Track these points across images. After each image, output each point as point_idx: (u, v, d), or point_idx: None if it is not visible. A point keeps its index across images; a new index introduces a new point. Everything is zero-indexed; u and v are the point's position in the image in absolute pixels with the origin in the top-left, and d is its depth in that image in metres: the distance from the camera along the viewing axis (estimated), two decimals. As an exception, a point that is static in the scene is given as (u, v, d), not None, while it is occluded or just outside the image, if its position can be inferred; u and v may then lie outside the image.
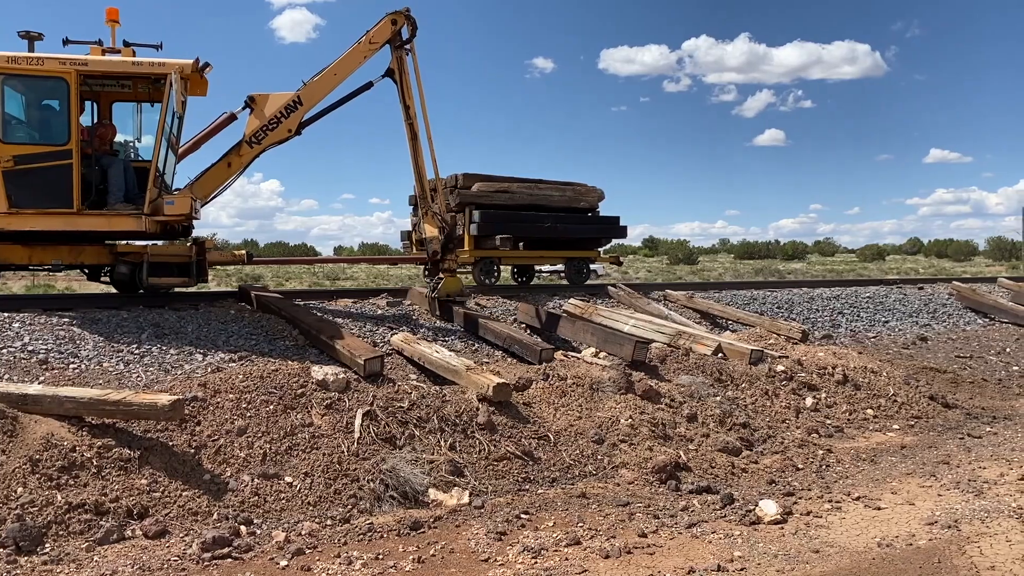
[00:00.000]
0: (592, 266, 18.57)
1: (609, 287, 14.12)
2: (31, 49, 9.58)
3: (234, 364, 8.19)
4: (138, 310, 9.56)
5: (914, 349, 13.09)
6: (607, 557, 5.23)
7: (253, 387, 7.07)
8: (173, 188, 10.44)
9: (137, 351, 8.33)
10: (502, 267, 15.94)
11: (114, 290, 11.24)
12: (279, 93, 10.56)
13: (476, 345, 10.33)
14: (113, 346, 8.35)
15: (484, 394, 7.54)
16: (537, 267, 17.93)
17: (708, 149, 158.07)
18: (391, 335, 9.87)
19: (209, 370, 7.97)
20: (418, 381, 8.18)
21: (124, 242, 10.28)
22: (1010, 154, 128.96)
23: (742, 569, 5.06)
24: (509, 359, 9.89)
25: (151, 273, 9.89)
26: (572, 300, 12.60)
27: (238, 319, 9.76)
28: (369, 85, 11.13)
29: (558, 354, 9.61)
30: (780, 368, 9.68)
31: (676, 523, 5.90)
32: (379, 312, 11.14)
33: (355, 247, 67.84)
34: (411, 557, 5.21)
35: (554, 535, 5.60)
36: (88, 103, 10.63)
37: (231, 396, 6.92)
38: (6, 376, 7.32)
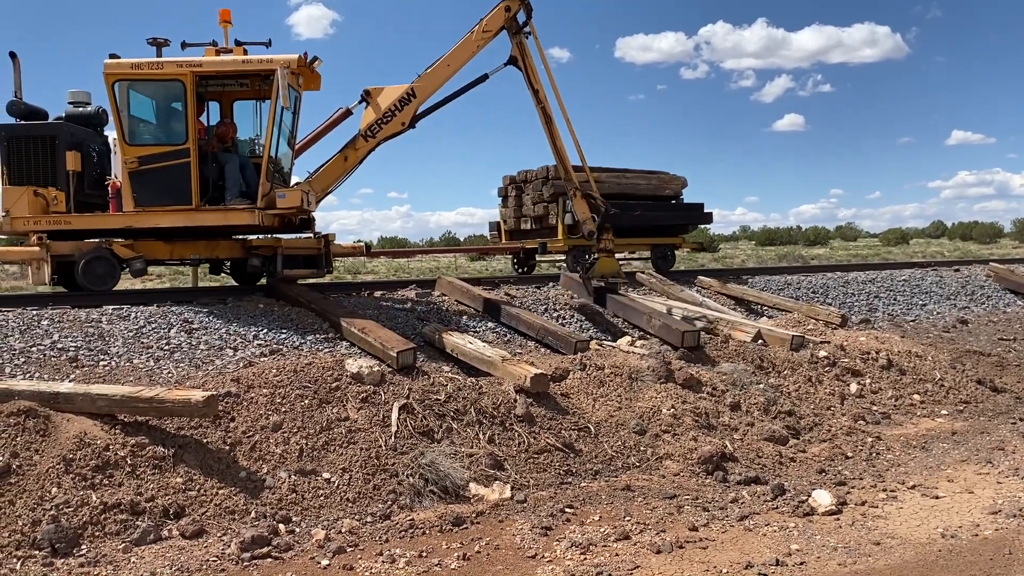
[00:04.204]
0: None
1: (639, 275, 13.86)
2: (159, 54, 9.96)
3: (266, 358, 8.04)
4: (166, 306, 9.45)
5: (955, 332, 12.74)
6: (659, 552, 5.03)
7: (287, 381, 6.93)
8: (293, 182, 10.81)
9: (167, 347, 8.20)
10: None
11: (234, 282, 12.04)
12: (393, 86, 10.74)
13: (508, 335, 10.14)
14: (142, 342, 8.23)
15: (521, 385, 7.36)
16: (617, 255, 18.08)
17: (726, 136, 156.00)
18: (422, 326, 9.70)
19: (241, 365, 7.83)
20: (452, 373, 7.99)
21: (256, 236, 10.78)
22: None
23: (801, 563, 4.85)
24: (542, 349, 9.69)
25: (284, 265, 10.49)
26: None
27: (267, 313, 9.62)
28: (484, 77, 11.11)
29: (593, 343, 9.41)
30: (822, 354, 9.41)
31: (727, 516, 5.69)
32: (408, 304, 10.96)
33: (374, 241, 68.48)
34: (456, 554, 5.04)
35: (601, 530, 5.41)
36: (213, 103, 11.03)
37: (265, 391, 6.77)
38: (37, 374, 7.22)
